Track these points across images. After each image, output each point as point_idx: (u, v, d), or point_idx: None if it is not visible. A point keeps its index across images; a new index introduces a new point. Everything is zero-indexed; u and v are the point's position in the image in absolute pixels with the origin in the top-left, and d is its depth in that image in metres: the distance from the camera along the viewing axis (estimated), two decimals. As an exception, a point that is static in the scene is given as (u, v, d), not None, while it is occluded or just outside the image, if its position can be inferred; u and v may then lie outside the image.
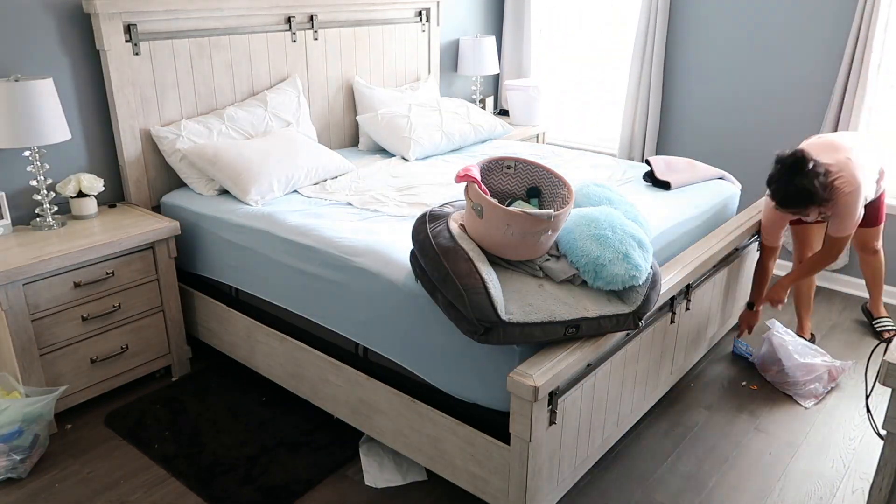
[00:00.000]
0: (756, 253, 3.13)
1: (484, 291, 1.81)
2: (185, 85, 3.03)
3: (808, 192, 2.49)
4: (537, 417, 1.83)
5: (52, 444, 2.50)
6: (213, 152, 2.86)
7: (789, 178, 2.52)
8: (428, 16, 4.06)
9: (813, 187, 2.48)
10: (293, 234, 2.48)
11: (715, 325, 2.97)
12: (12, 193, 2.69)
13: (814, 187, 2.48)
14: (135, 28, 2.79)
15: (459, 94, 4.62)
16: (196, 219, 2.82)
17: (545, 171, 2.10)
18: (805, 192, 2.50)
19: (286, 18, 3.34)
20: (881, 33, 3.26)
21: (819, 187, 2.48)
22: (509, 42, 4.73)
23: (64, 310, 2.50)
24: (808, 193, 2.49)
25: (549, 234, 1.92)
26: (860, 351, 3.16)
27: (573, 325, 1.89)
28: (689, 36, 3.96)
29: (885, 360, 1.48)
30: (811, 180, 2.48)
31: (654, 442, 2.54)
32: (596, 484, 2.33)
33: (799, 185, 2.49)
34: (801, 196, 2.52)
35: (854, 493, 2.30)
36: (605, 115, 4.57)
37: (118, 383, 2.74)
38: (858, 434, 2.59)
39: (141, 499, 2.26)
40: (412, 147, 3.44)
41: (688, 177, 3.04)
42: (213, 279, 2.85)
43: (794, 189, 2.51)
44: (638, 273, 1.94)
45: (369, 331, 2.27)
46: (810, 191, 2.48)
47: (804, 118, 3.66)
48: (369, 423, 2.37)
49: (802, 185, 2.49)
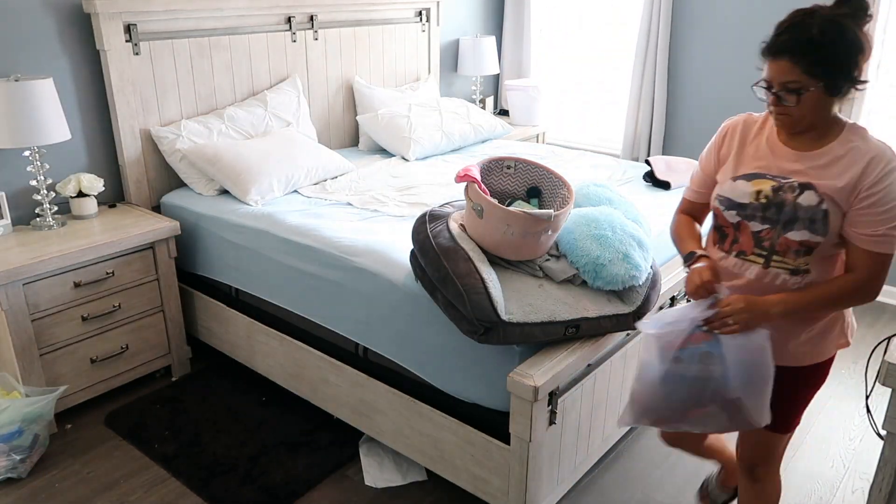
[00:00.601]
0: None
1: (484, 291, 1.81)
2: (185, 85, 3.03)
3: (853, 34, 1.42)
4: (537, 417, 1.83)
5: (52, 444, 2.49)
6: (213, 152, 2.86)
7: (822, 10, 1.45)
8: (428, 16, 4.06)
9: (860, 33, 1.43)
10: (293, 234, 2.48)
11: (715, 325, 2.96)
12: (12, 193, 2.69)
13: (861, 34, 1.43)
14: (135, 28, 2.79)
15: (459, 94, 4.62)
16: (196, 219, 2.82)
17: (545, 171, 2.10)
18: (844, 31, 1.41)
19: (286, 18, 3.34)
20: (881, 33, 3.26)
21: (865, 41, 1.44)
22: (509, 42, 4.73)
23: (64, 310, 2.50)
24: (853, 35, 1.42)
25: (549, 234, 1.92)
26: (860, 351, 3.16)
27: (573, 325, 1.89)
28: (693, 35, 3.96)
29: (885, 360, 1.48)
30: (859, 24, 1.45)
31: (654, 442, 2.54)
32: (596, 484, 2.32)
33: (837, 17, 1.43)
34: (836, 35, 1.41)
35: (854, 493, 2.30)
36: (605, 115, 4.57)
37: (118, 383, 2.74)
38: (858, 434, 2.59)
39: (141, 499, 2.26)
40: (412, 147, 3.43)
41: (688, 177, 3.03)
42: (213, 279, 2.85)
43: (830, 22, 1.42)
44: (638, 273, 1.94)
45: (369, 331, 2.27)
46: (856, 33, 1.42)
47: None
48: (369, 423, 2.37)
49: (844, 22, 1.42)
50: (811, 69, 1.41)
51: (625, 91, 4.30)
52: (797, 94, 1.44)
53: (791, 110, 1.47)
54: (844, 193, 1.47)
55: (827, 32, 1.41)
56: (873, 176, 1.45)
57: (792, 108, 1.47)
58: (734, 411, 1.57)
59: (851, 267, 1.53)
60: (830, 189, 1.48)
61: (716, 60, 3.90)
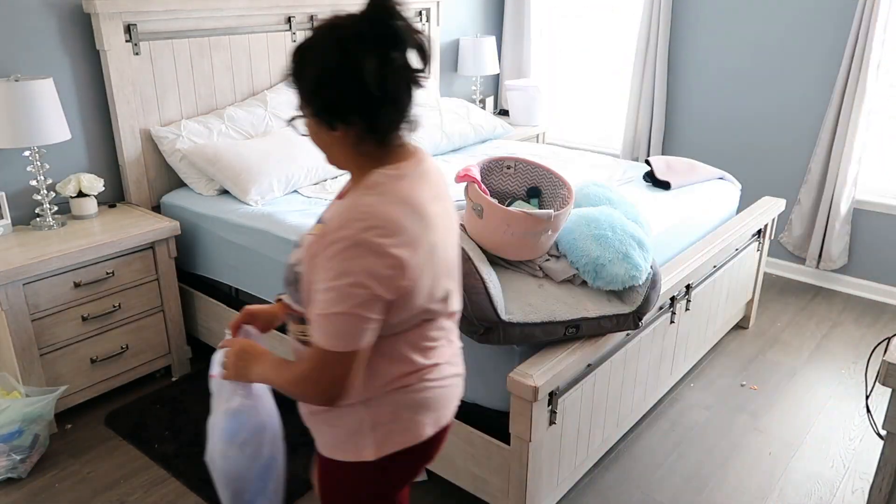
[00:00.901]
0: (756, 253, 3.13)
1: (484, 291, 1.81)
2: (185, 85, 3.03)
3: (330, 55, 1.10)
4: (537, 417, 1.83)
5: (52, 444, 2.49)
6: (213, 152, 2.86)
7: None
8: (428, 16, 4.06)
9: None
10: (293, 234, 2.48)
11: (715, 325, 2.96)
12: (12, 193, 2.69)
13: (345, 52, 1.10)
14: (135, 28, 2.79)
15: (459, 94, 4.62)
16: (196, 219, 2.82)
17: (545, 171, 2.10)
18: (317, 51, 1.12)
19: (286, 18, 3.33)
20: (881, 33, 3.26)
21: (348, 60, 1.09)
22: (509, 42, 4.73)
23: (64, 310, 2.50)
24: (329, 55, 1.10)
25: (549, 234, 1.92)
26: (860, 351, 3.16)
27: (573, 325, 1.89)
28: (693, 35, 3.96)
29: (885, 360, 1.48)
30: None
31: (654, 442, 2.54)
32: (596, 484, 2.32)
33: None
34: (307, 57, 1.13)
35: (854, 493, 2.30)
36: (606, 115, 4.57)
37: (118, 383, 2.74)
38: (858, 434, 2.59)
39: (141, 499, 2.26)
40: (412, 147, 3.43)
41: (688, 177, 3.04)
42: (213, 279, 2.85)
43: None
44: (638, 273, 1.94)
45: (369, 331, 2.27)
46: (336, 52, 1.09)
47: (806, 117, 3.66)
48: (369, 423, 2.36)
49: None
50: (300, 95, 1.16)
51: (625, 91, 4.30)
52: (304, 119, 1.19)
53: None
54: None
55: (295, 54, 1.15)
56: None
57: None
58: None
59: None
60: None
61: (716, 60, 3.90)
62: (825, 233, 3.64)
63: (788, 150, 3.76)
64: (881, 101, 3.48)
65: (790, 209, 3.78)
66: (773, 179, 3.84)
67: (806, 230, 3.75)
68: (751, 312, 3.32)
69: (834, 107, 3.47)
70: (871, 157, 3.58)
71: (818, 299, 3.66)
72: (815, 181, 3.63)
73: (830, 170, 3.54)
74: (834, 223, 3.58)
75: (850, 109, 3.41)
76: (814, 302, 3.63)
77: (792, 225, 3.80)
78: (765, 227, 3.11)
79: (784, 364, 3.05)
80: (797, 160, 3.74)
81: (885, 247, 3.58)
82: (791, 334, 3.31)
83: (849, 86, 3.39)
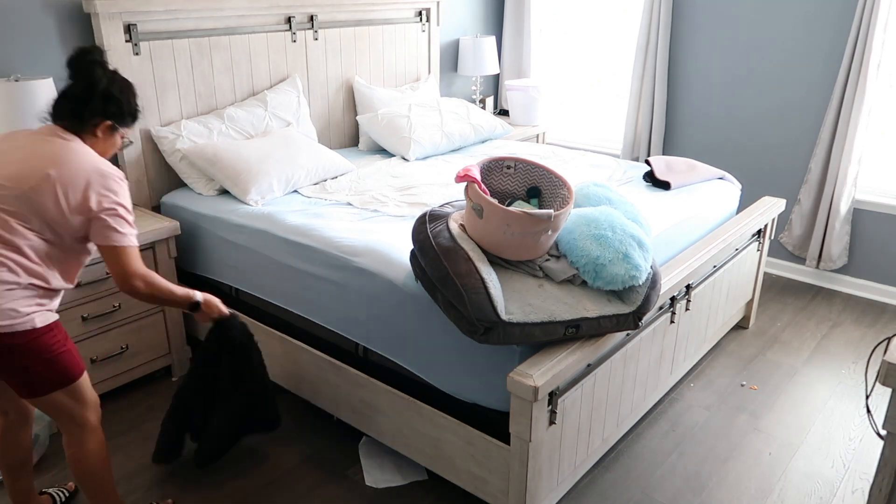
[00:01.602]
0: (756, 253, 3.13)
1: (484, 291, 1.81)
2: (185, 85, 3.03)
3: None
4: (537, 417, 1.83)
5: (52, 444, 2.49)
6: (213, 152, 2.86)
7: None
8: (428, 16, 4.06)
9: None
10: (293, 234, 2.48)
11: (715, 325, 2.97)
12: (12, 193, 2.69)
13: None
14: (135, 28, 2.79)
15: (459, 94, 4.62)
16: (196, 219, 2.82)
17: (545, 171, 2.10)
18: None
19: (286, 18, 3.34)
20: (881, 33, 3.26)
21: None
22: (509, 42, 4.73)
23: (64, 310, 2.50)
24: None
25: (549, 234, 1.92)
26: (860, 351, 3.16)
27: (573, 325, 1.89)
28: (693, 34, 3.96)
29: (885, 360, 1.48)
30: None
31: (654, 442, 2.54)
32: (596, 484, 2.33)
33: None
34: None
35: (854, 493, 2.30)
36: (605, 115, 4.57)
37: (118, 383, 2.74)
38: (858, 434, 2.59)
39: (141, 499, 2.26)
40: (412, 147, 3.44)
41: (688, 177, 3.04)
42: (213, 279, 2.85)
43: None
44: (638, 273, 1.94)
45: (369, 331, 2.27)
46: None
47: (806, 117, 3.66)
48: (369, 423, 2.37)
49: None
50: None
51: (625, 91, 4.31)
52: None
53: None
54: None
55: None
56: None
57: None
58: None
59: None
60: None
61: (716, 60, 3.90)
62: (825, 233, 3.64)
63: (788, 150, 3.76)
64: (881, 101, 3.48)
65: (790, 209, 3.78)
66: (773, 179, 3.84)
67: (806, 230, 3.75)
68: (751, 312, 3.32)
69: (834, 107, 3.47)
70: (871, 157, 3.58)
71: (818, 299, 3.66)
72: (815, 181, 3.63)
73: (830, 170, 3.54)
74: (834, 223, 3.58)
75: (850, 109, 3.41)
76: (814, 302, 3.63)
77: (792, 225, 3.80)
78: (765, 227, 3.11)
79: (784, 364, 3.05)
80: (797, 160, 3.74)
81: (885, 247, 3.58)
82: (791, 334, 3.31)
83: (849, 86, 3.39)
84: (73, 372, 1.79)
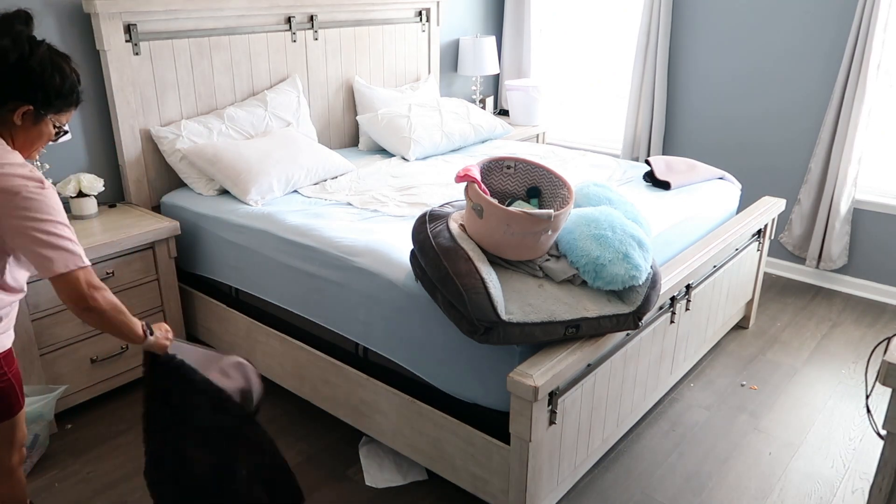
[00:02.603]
0: (756, 253, 3.13)
1: (484, 291, 1.81)
2: (185, 85, 3.03)
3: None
4: (537, 417, 1.83)
5: (52, 444, 2.49)
6: (213, 152, 2.86)
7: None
8: (428, 16, 4.06)
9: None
10: (293, 234, 2.48)
11: (715, 325, 2.97)
12: (12, 193, 2.69)
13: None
14: (135, 28, 2.79)
15: (459, 94, 4.62)
16: (196, 219, 2.82)
17: (545, 171, 2.10)
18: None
19: (286, 18, 3.34)
20: (881, 33, 3.26)
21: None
22: (509, 42, 4.73)
23: (64, 310, 2.50)
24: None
25: (549, 234, 1.92)
26: (860, 351, 3.16)
27: (573, 325, 1.89)
28: (693, 34, 3.96)
29: (885, 360, 1.48)
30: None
31: (654, 442, 2.54)
32: (596, 484, 2.33)
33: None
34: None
35: (854, 493, 2.30)
36: (606, 114, 4.57)
37: (118, 383, 2.74)
38: (858, 434, 2.59)
39: (141, 499, 2.26)
40: (412, 147, 3.44)
41: (688, 177, 3.04)
42: (213, 279, 2.85)
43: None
44: (638, 273, 1.94)
45: (369, 331, 2.27)
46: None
47: (806, 117, 3.66)
48: (369, 423, 2.37)
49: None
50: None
51: (625, 91, 4.31)
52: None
53: None
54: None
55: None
56: None
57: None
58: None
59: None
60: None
61: (716, 60, 3.90)
62: (825, 233, 3.64)
63: (788, 150, 3.76)
64: (881, 101, 3.48)
65: (790, 209, 3.78)
66: (773, 179, 3.84)
67: (806, 230, 3.75)
68: (751, 312, 3.32)
69: (834, 107, 3.47)
70: (871, 157, 3.58)
71: (818, 299, 3.66)
72: (815, 181, 3.63)
73: (830, 170, 3.54)
74: (834, 223, 3.58)
75: (850, 109, 3.41)
76: (814, 302, 3.64)
77: (792, 225, 3.80)
78: (765, 227, 3.11)
79: (784, 364, 3.05)
80: (797, 160, 3.74)
81: (885, 247, 3.58)
82: (791, 334, 3.31)
83: (849, 86, 3.39)
84: (16, 406, 1.63)
